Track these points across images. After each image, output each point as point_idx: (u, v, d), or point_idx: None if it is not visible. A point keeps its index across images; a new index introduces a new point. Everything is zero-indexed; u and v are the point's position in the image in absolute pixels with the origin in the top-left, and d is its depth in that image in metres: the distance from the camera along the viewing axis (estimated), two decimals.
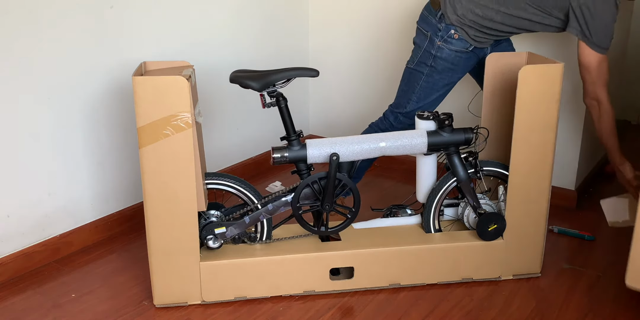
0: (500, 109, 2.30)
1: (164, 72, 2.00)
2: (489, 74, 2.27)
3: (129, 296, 2.14)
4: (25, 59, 2.16)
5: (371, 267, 2.13)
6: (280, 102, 2.08)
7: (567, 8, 2.15)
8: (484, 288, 2.17)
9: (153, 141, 1.88)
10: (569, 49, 2.67)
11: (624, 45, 3.28)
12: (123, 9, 2.44)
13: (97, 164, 2.50)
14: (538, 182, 2.11)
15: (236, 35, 3.02)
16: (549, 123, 2.06)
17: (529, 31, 2.27)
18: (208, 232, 2.07)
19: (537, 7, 2.18)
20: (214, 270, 2.05)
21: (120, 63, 2.48)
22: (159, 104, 1.85)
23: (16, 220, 2.26)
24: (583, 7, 2.11)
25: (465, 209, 2.25)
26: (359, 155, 2.09)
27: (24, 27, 2.13)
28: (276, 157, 2.08)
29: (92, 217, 2.53)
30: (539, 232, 2.18)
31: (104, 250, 2.47)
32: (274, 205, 2.11)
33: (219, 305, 2.08)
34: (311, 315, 2.02)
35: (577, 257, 2.41)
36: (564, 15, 2.18)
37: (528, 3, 2.17)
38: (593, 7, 2.10)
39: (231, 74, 2.08)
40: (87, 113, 2.41)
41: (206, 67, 2.83)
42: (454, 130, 2.12)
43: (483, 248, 2.17)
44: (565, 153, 2.79)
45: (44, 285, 2.21)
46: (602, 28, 2.14)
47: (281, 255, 2.08)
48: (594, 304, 2.09)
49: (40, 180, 2.31)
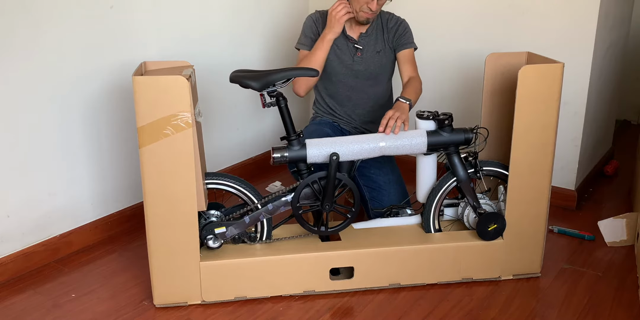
0: (500, 109, 2.30)
1: (164, 72, 2.00)
2: (489, 74, 2.27)
3: (129, 296, 2.14)
4: (26, 59, 2.16)
5: (371, 267, 2.13)
6: (280, 101, 2.08)
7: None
8: (484, 288, 2.17)
9: (153, 141, 1.88)
10: (569, 49, 2.67)
11: (624, 45, 3.29)
12: (123, 9, 2.44)
13: (97, 164, 2.50)
14: (538, 182, 2.11)
15: (236, 35, 3.02)
16: (549, 123, 2.05)
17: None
18: (208, 232, 2.07)
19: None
20: (214, 270, 2.05)
21: (120, 63, 2.48)
22: (159, 103, 1.85)
23: (16, 220, 2.26)
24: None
25: (465, 209, 2.25)
26: (359, 155, 2.09)
27: (24, 27, 2.13)
28: (276, 157, 2.08)
29: (92, 217, 2.53)
30: (539, 232, 2.17)
31: (104, 250, 2.47)
32: (274, 205, 2.11)
33: (219, 305, 2.08)
34: (311, 315, 2.02)
35: (577, 257, 2.41)
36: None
37: None
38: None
39: (231, 74, 2.08)
40: (87, 113, 2.41)
41: (206, 67, 2.83)
42: (454, 130, 2.12)
43: (483, 248, 2.17)
44: (565, 153, 2.78)
45: (44, 285, 2.21)
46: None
47: (281, 255, 2.08)
48: (594, 304, 2.09)
49: (40, 180, 2.31)
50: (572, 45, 2.66)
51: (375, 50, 2.46)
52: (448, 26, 2.99)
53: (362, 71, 2.48)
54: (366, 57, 2.46)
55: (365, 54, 2.46)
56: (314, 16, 2.49)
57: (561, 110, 2.69)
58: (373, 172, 2.46)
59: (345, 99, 2.54)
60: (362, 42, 2.45)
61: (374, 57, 2.46)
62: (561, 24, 2.67)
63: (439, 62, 3.04)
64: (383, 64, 2.49)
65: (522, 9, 2.76)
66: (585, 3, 2.60)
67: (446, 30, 3.00)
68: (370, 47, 2.46)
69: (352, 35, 2.46)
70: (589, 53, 2.65)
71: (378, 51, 2.46)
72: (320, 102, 2.61)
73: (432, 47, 3.02)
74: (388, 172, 2.47)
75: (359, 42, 2.45)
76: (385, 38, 2.46)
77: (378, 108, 2.55)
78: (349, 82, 2.50)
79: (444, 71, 3.05)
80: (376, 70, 2.49)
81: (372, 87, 2.52)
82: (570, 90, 2.66)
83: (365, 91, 2.52)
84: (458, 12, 2.95)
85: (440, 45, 3.02)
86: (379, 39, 2.46)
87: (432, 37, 3.02)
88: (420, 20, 3.01)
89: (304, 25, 2.50)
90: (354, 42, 2.45)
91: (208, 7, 2.82)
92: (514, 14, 2.79)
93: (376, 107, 2.55)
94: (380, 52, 2.46)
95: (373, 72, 2.49)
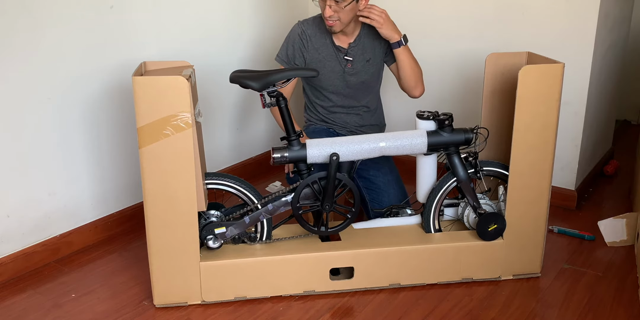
0: (500, 109, 2.30)
1: (164, 72, 2.00)
2: (489, 74, 2.27)
3: (129, 296, 2.14)
4: (25, 59, 2.16)
5: (371, 267, 2.13)
6: (280, 102, 2.08)
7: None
8: (484, 288, 2.17)
9: (153, 141, 1.87)
10: (569, 49, 2.67)
11: (624, 45, 3.28)
12: (123, 8, 2.44)
13: (97, 164, 2.50)
14: (538, 182, 2.11)
15: (236, 35, 3.02)
16: (549, 123, 2.05)
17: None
18: (208, 232, 2.06)
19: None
20: (214, 270, 2.04)
21: (120, 63, 2.47)
22: (159, 104, 1.85)
23: (16, 220, 2.26)
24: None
25: (465, 209, 2.25)
26: (359, 155, 2.09)
27: (24, 27, 2.13)
28: (276, 157, 2.08)
29: (92, 217, 2.53)
30: (539, 232, 2.17)
31: (104, 250, 2.47)
32: (274, 205, 2.11)
33: (219, 305, 2.08)
34: (311, 315, 2.02)
35: (577, 257, 2.41)
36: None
37: None
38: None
39: (231, 74, 2.07)
40: (87, 113, 2.41)
41: (206, 67, 2.83)
42: (454, 130, 2.12)
43: (483, 248, 2.17)
44: (565, 153, 2.78)
45: (44, 285, 2.21)
46: None
47: (281, 255, 2.08)
48: (594, 304, 2.09)
49: (40, 180, 2.31)
50: (572, 45, 2.66)
51: (364, 59, 2.45)
52: (448, 26, 2.99)
53: (353, 81, 2.48)
54: (357, 67, 2.45)
55: (356, 64, 2.45)
56: (299, 29, 2.45)
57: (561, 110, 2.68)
58: (372, 173, 2.46)
59: (337, 108, 2.54)
60: (351, 52, 2.44)
61: (364, 67, 2.46)
62: (561, 24, 2.67)
63: (439, 62, 3.04)
64: (374, 72, 2.49)
65: (522, 9, 2.76)
66: (585, 3, 2.60)
67: (446, 30, 3.00)
68: (360, 57, 2.44)
69: (341, 44, 2.44)
70: (589, 53, 2.65)
71: (367, 60, 2.45)
72: (312, 110, 2.61)
73: (432, 47, 3.02)
74: (387, 172, 2.47)
75: (348, 52, 2.44)
76: (373, 45, 2.44)
77: (371, 112, 2.58)
78: (340, 92, 2.50)
79: (444, 71, 3.05)
80: (367, 79, 2.49)
81: (364, 94, 2.53)
82: (570, 90, 2.65)
83: (357, 99, 2.53)
84: (458, 12, 2.94)
85: (440, 45, 3.02)
86: (367, 47, 2.44)
87: (432, 37, 3.02)
88: (420, 20, 3.01)
89: (287, 37, 2.48)
90: (344, 53, 2.44)
91: (208, 7, 2.82)
92: (514, 14, 2.79)
93: (368, 113, 2.58)
94: (370, 61, 2.45)
95: (365, 81, 2.49)
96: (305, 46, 2.43)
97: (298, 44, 2.44)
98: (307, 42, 2.43)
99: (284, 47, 2.48)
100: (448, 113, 2.13)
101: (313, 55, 2.44)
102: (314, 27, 2.44)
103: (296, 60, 2.45)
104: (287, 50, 2.46)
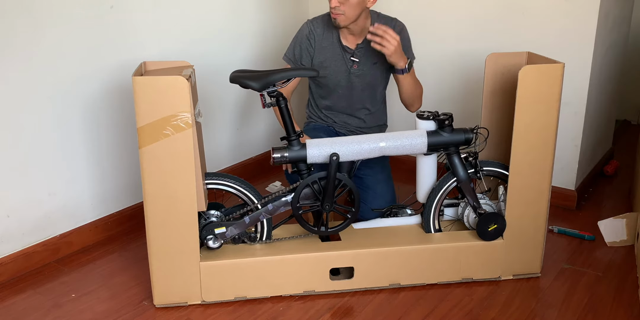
0: (500, 109, 2.30)
1: (163, 72, 2.00)
2: (489, 74, 2.27)
3: (129, 296, 2.14)
4: (25, 59, 2.16)
5: (371, 267, 2.13)
6: (280, 102, 2.08)
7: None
8: (484, 288, 2.17)
9: (153, 141, 1.88)
10: (569, 49, 2.67)
11: (624, 45, 3.28)
12: (123, 9, 2.44)
13: (97, 164, 2.50)
14: (538, 182, 2.11)
15: (236, 35, 3.02)
16: (549, 123, 2.05)
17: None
18: (208, 232, 2.07)
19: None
20: (214, 270, 2.04)
21: (120, 63, 2.48)
22: (159, 104, 1.85)
23: (16, 220, 2.26)
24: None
25: (465, 209, 2.25)
26: (359, 155, 2.09)
27: (24, 27, 2.13)
28: (276, 157, 2.08)
29: (92, 217, 2.53)
30: (539, 232, 2.17)
31: (104, 250, 2.47)
32: (274, 205, 2.11)
33: (219, 305, 2.08)
34: (311, 315, 2.02)
35: (577, 257, 2.41)
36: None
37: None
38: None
39: (231, 74, 2.07)
40: (87, 113, 2.41)
41: (206, 67, 2.83)
42: (454, 131, 2.12)
43: (483, 248, 2.17)
44: (565, 153, 2.78)
45: (44, 285, 2.21)
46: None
47: (281, 255, 2.08)
48: (594, 304, 2.09)
49: (40, 180, 2.31)
50: (572, 45, 2.66)
51: (371, 62, 2.44)
52: (448, 26, 2.99)
53: (358, 83, 2.47)
54: (363, 69, 2.45)
55: (362, 66, 2.44)
56: (307, 28, 2.45)
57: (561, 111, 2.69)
58: (364, 172, 2.46)
59: (340, 108, 2.54)
60: (358, 53, 2.43)
61: (371, 69, 2.45)
62: (561, 24, 2.67)
63: (439, 62, 3.04)
64: (379, 75, 2.48)
65: (522, 9, 2.76)
66: (585, 3, 2.60)
67: (446, 30, 3.00)
68: (367, 59, 2.44)
69: (348, 45, 2.44)
70: (589, 53, 2.65)
71: (374, 63, 2.44)
72: (314, 107, 2.61)
73: (432, 47, 3.02)
74: (378, 171, 2.48)
75: (355, 53, 2.43)
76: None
77: (373, 114, 2.57)
78: (345, 92, 2.50)
79: (444, 71, 3.05)
80: (372, 82, 2.48)
81: (368, 96, 2.53)
82: (570, 90, 2.66)
83: (361, 101, 2.53)
84: (458, 12, 2.94)
85: (440, 46, 3.02)
86: (374, 50, 2.38)
87: (432, 37, 3.02)
88: (421, 20, 3.01)
89: (296, 36, 2.48)
90: (350, 54, 2.44)
91: (208, 7, 2.82)
92: (514, 14, 2.79)
93: (371, 115, 2.57)
94: (377, 64, 2.44)
95: (370, 83, 2.49)
96: (312, 46, 2.43)
97: (305, 44, 2.44)
98: (315, 42, 2.43)
99: (292, 46, 2.48)
100: (448, 113, 2.13)
101: (320, 54, 2.44)
102: (323, 25, 2.44)
103: (303, 60, 2.45)
104: (294, 50, 2.46)
